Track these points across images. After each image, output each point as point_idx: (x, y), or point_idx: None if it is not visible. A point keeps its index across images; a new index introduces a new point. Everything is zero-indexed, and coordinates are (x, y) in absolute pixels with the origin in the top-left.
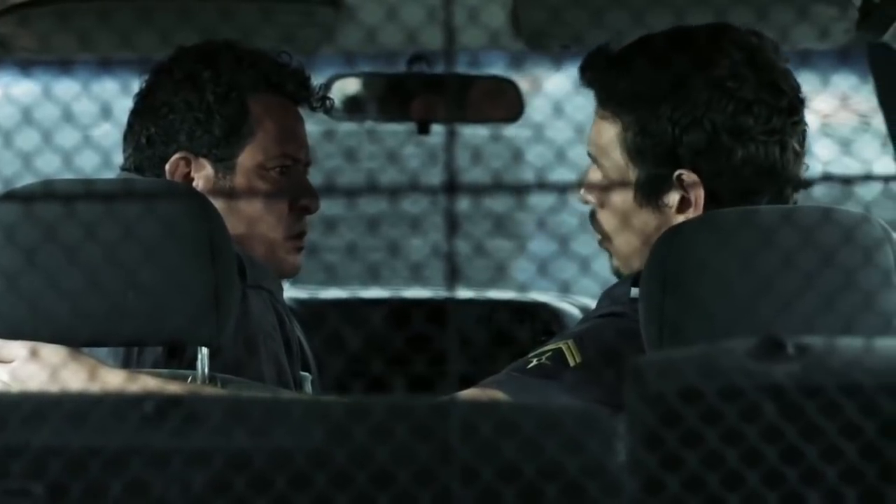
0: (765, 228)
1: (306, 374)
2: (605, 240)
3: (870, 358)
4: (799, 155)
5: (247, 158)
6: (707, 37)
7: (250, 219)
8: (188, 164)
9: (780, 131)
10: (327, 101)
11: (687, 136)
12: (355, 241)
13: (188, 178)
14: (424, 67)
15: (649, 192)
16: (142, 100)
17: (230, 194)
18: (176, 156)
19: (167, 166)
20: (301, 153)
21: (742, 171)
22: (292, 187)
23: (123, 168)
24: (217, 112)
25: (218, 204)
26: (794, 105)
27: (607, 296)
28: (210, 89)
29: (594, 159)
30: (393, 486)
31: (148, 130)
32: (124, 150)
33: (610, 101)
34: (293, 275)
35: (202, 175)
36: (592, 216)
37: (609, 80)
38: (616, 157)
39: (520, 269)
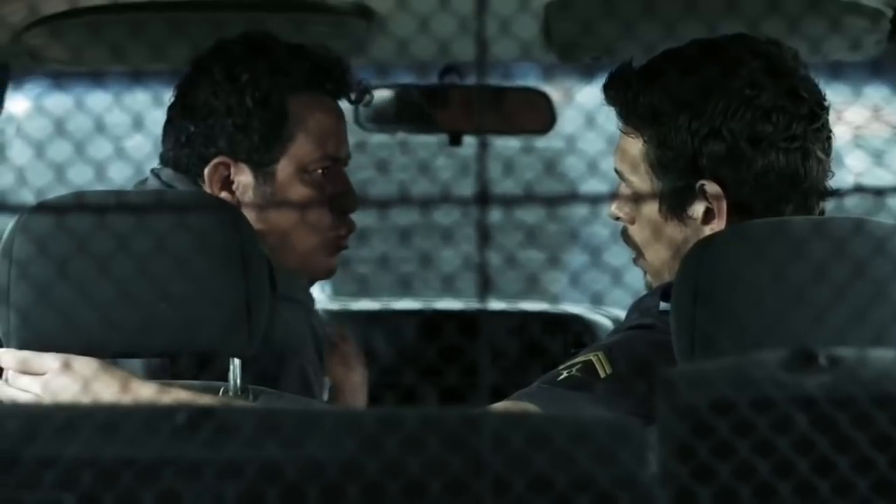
0: (796, 240)
1: (327, 380)
2: (637, 255)
3: None
4: (823, 163)
5: (288, 162)
6: (725, 48)
7: (288, 223)
8: (227, 168)
9: (802, 138)
10: (367, 95)
11: (706, 146)
12: (387, 253)
13: (228, 182)
14: (456, 79)
15: (674, 204)
16: (182, 96)
17: (274, 204)
18: (216, 160)
19: (207, 170)
20: (341, 151)
21: (764, 180)
22: (333, 191)
23: (162, 162)
24: (257, 117)
25: (254, 211)
26: (816, 112)
27: (636, 308)
28: (249, 93)
29: (621, 176)
30: (425, 498)
31: (187, 129)
32: (164, 143)
33: (631, 117)
34: (328, 277)
35: (242, 180)
36: (624, 233)
37: (629, 96)
38: (642, 173)
39: (552, 281)
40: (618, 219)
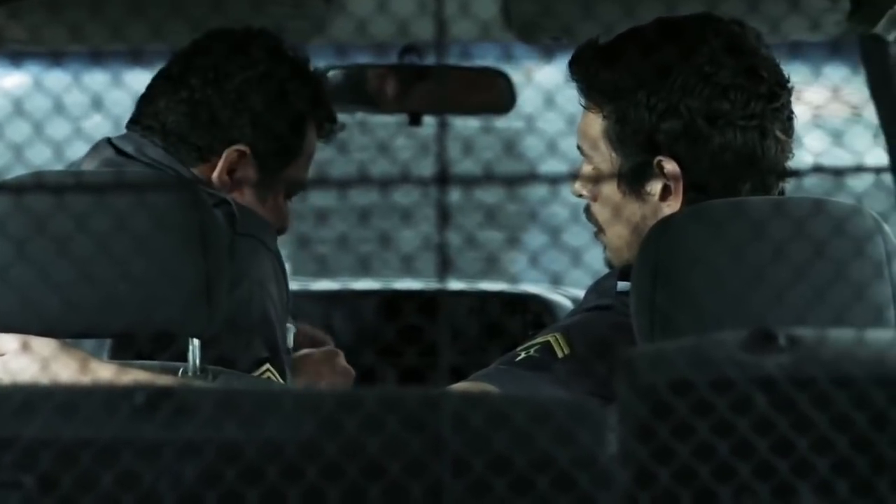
0: (756, 220)
1: (291, 326)
2: (599, 232)
3: (861, 349)
4: (782, 143)
5: (286, 177)
6: (688, 26)
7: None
8: (243, 157)
9: (760, 117)
10: (336, 136)
11: (664, 122)
12: (346, 233)
13: (233, 171)
14: (416, 59)
15: (632, 180)
16: (211, 70)
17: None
18: (240, 146)
19: (227, 152)
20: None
21: (721, 158)
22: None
23: (137, 117)
24: (286, 123)
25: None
26: (776, 92)
27: (594, 290)
28: (292, 99)
29: (583, 152)
30: (384, 478)
31: (217, 108)
32: (153, 97)
33: (593, 92)
34: None
35: (245, 175)
36: (587, 210)
37: (592, 72)
38: (603, 149)
39: (511, 261)
40: (580, 195)
